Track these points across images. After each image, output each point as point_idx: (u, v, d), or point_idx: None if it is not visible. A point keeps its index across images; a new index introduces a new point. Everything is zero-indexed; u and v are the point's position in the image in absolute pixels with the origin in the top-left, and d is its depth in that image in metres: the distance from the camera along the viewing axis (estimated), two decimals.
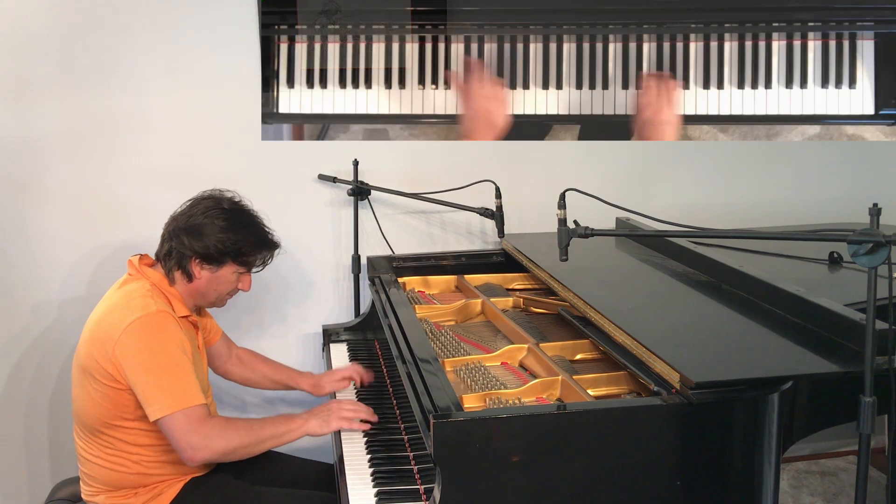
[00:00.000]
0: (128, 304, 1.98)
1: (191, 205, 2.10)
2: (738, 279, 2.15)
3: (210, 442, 1.90)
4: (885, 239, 1.46)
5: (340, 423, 2.03)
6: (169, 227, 2.09)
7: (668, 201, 3.02)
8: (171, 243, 2.06)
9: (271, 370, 2.45)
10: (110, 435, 2.00)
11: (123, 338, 1.91)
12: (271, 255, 2.16)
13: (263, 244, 2.11)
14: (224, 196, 2.12)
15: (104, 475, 2.04)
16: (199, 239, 2.02)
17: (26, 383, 2.75)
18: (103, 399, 1.97)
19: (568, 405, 1.71)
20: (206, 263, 2.05)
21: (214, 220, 2.03)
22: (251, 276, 2.16)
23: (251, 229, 2.09)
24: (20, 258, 2.67)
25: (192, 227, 2.04)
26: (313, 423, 2.02)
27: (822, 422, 1.71)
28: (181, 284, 2.08)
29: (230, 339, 2.45)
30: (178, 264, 2.06)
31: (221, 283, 2.10)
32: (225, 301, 2.18)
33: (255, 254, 2.10)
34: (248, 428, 1.96)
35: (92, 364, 1.96)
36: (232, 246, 2.04)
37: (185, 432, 1.88)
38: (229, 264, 2.07)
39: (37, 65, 2.57)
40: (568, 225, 1.78)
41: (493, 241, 2.94)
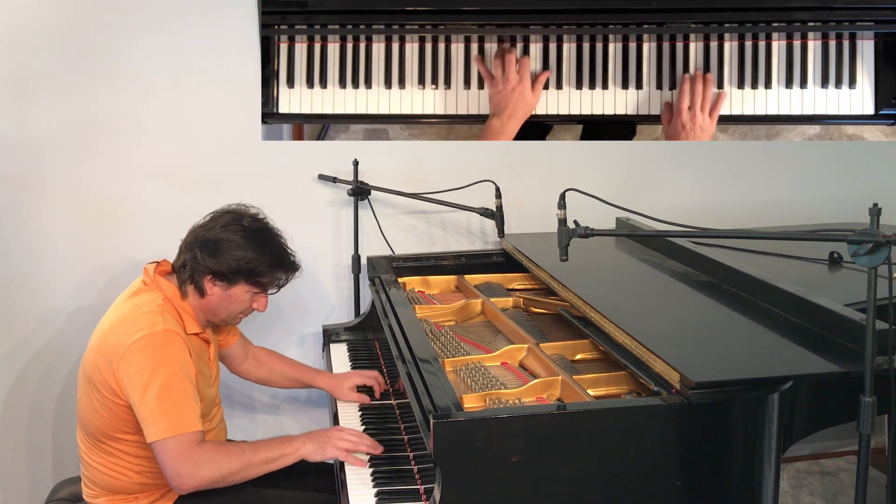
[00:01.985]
0: (137, 318, 1.94)
1: (212, 217, 2.06)
2: (738, 279, 2.15)
3: (198, 470, 1.85)
4: (885, 239, 1.46)
5: (336, 453, 1.94)
6: (187, 238, 2.05)
7: (669, 201, 3.02)
8: (186, 255, 2.02)
9: (289, 368, 2.43)
10: (112, 445, 2.00)
11: (128, 354, 1.88)
12: (288, 277, 2.09)
13: (280, 265, 2.05)
14: (247, 212, 2.06)
15: (105, 481, 2.04)
16: (214, 255, 1.97)
17: (31, 383, 2.76)
18: (105, 411, 1.96)
19: (568, 405, 1.71)
20: (219, 281, 2.00)
21: (231, 237, 1.98)
22: (267, 297, 2.10)
23: (269, 249, 2.02)
24: (20, 258, 2.67)
25: (208, 241, 1.99)
26: (309, 447, 1.95)
27: (822, 422, 1.71)
28: (193, 299, 2.04)
29: (247, 339, 2.43)
30: (191, 278, 2.01)
31: (234, 303, 2.05)
32: (238, 320, 2.13)
33: (269, 275, 2.04)
34: (240, 453, 1.90)
35: (96, 375, 1.95)
36: (246, 265, 1.98)
37: (173, 459, 1.84)
38: (242, 284, 2.02)
39: (37, 65, 2.57)
40: (568, 225, 1.78)
41: (493, 241, 2.94)
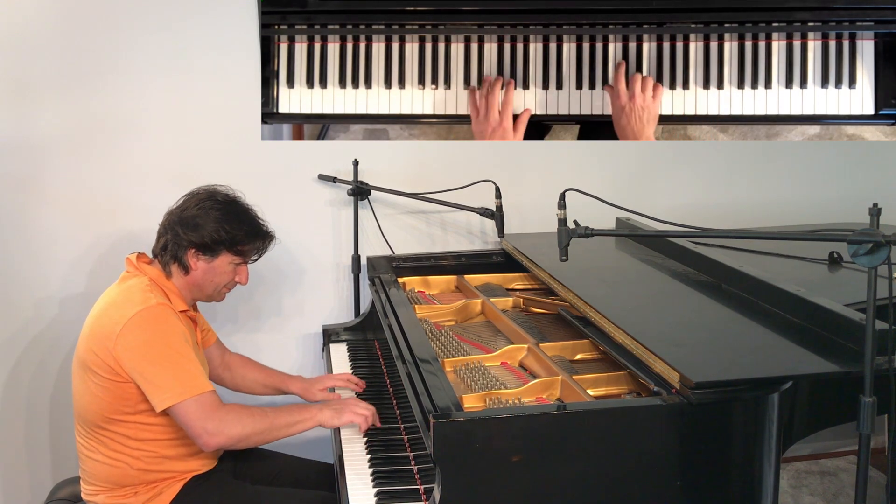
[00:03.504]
0: (128, 298, 1.99)
1: (185, 199, 2.13)
2: (738, 279, 2.15)
3: (226, 427, 1.92)
4: (885, 239, 1.46)
5: (353, 418, 2.03)
6: (164, 222, 2.12)
7: (668, 201, 3.02)
8: (166, 237, 2.08)
9: (262, 375, 2.45)
10: (111, 430, 2.01)
11: (125, 332, 1.92)
12: (266, 245, 2.17)
13: (257, 234, 2.13)
14: (218, 190, 2.14)
15: (104, 472, 2.04)
16: (195, 230, 2.05)
17: (26, 382, 2.75)
18: (104, 393, 1.97)
19: (568, 405, 1.71)
20: (202, 254, 2.07)
21: (209, 212, 2.06)
22: (248, 268, 2.17)
23: (245, 219, 2.11)
24: (20, 258, 2.67)
25: (187, 218, 2.07)
26: (326, 413, 2.03)
27: (822, 422, 1.71)
28: (178, 278, 2.10)
29: (223, 344, 2.45)
30: (175, 257, 2.08)
31: (218, 275, 2.11)
32: (223, 295, 2.19)
33: (249, 243, 2.12)
34: (263, 414, 1.98)
35: (91, 358, 1.97)
36: (226, 235, 2.06)
37: (199, 419, 1.90)
38: (224, 254, 2.09)
39: (37, 65, 2.57)
40: (568, 225, 1.78)
41: (493, 241, 2.94)
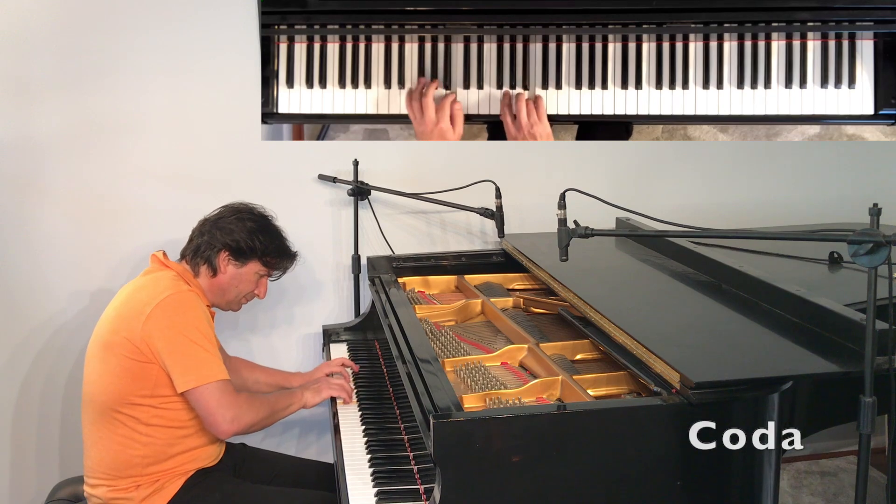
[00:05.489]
0: (157, 283, 2.08)
1: (221, 210, 2.25)
2: (738, 279, 2.15)
3: (241, 415, 2.02)
4: (885, 239, 1.46)
5: (331, 391, 2.25)
6: (198, 227, 2.23)
7: (668, 201, 3.02)
8: (200, 240, 2.19)
9: (265, 375, 2.49)
10: (123, 413, 2.02)
11: (156, 311, 1.99)
12: (290, 266, 2.31)
13: (286, 253, 2.27)
14: (254, 206, 2.28)
15: (108, 459, 2.04)
16: (231, 234, 2.17)
17: (25, 382, 2.75)
18: (123, 373, 2.00)
19: (568, 405, 1.71)
20: (234, 259, 2.18)
21: (245, 222, 2.20)
22: (267, 283, 2.29)
23: (277, 236, 2.25)
24: (20, 258, 2.67)
25: (224, 224, 2.19)
26: (308, 394, 2.22)
27: (822, 422, 1.70)
28: (205, 279, 2.19)
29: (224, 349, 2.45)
30: (206, 258, 2.17)
31: (243, 282, 2.21)
32: (240, 305, 2.28)
33: (278, 258, 2.25)
34: (265, 402, 2.11)
35: (115, 339, 2.01)
36: (260, 245, 2.19)
37: (220, 405, 1.99)
38: (254, 262, 2.20)
39: (37, 65, 2.57)
40: (568, 225, 1.78)
41: (493, 241, 2.94)
